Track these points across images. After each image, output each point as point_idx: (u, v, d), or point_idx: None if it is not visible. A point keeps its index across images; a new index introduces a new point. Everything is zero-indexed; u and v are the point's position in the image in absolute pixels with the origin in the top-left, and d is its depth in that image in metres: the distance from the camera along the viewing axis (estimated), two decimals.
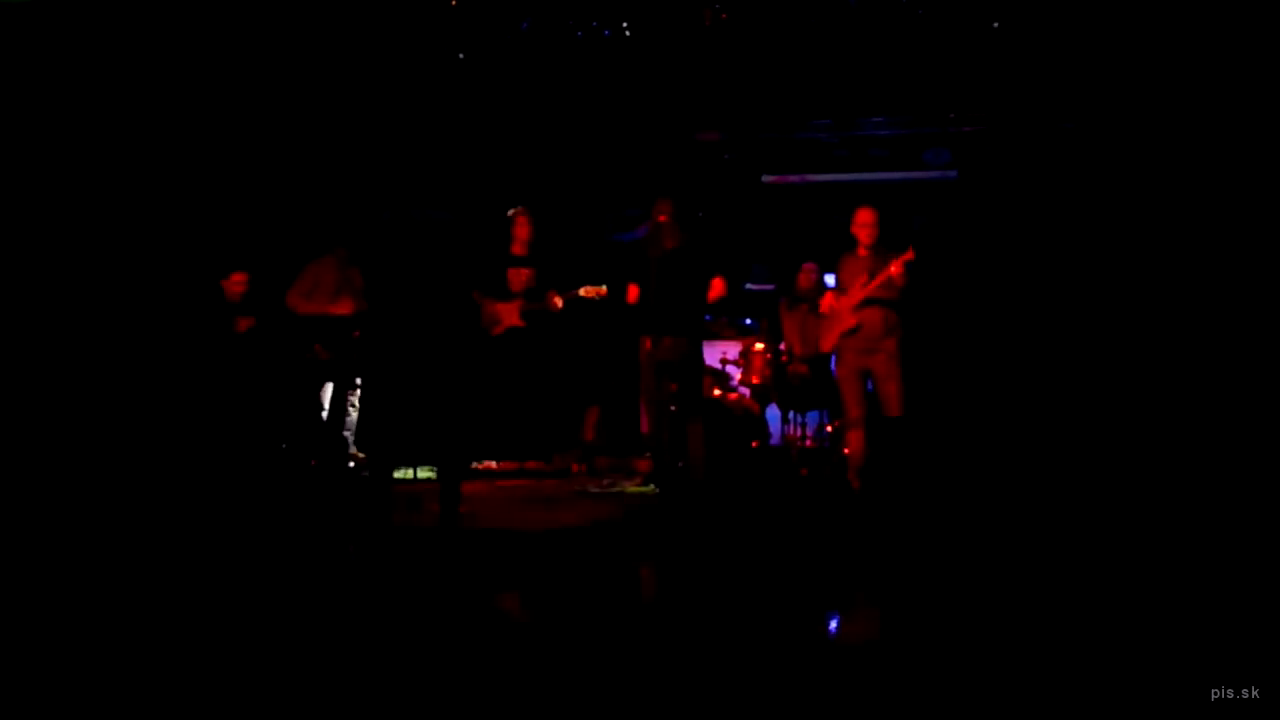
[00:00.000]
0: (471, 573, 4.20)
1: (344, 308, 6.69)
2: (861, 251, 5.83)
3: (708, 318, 6.92)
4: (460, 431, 6.50)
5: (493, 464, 6.88)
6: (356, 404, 6.72)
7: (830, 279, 6.81)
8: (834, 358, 5.96)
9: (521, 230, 6.69)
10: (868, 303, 5.68)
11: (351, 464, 6.65)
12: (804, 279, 6.87)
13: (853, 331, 5.73)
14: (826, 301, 5.93)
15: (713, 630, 3.33)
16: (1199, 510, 5.09)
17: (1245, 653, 2.95)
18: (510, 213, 6.74)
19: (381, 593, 3.84)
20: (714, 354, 7.20)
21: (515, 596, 3.87)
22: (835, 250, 6.18)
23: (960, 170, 7.81)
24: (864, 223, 5.81)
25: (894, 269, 5.53)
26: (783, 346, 6.82)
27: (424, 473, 6.45)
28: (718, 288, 5.81)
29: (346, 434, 6.66)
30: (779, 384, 6.71)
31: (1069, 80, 7.19)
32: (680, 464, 5.81)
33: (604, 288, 6.31)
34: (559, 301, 6.38)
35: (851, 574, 4.20)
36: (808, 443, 6.87)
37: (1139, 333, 6.95)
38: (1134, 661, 2.95)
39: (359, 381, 6.66)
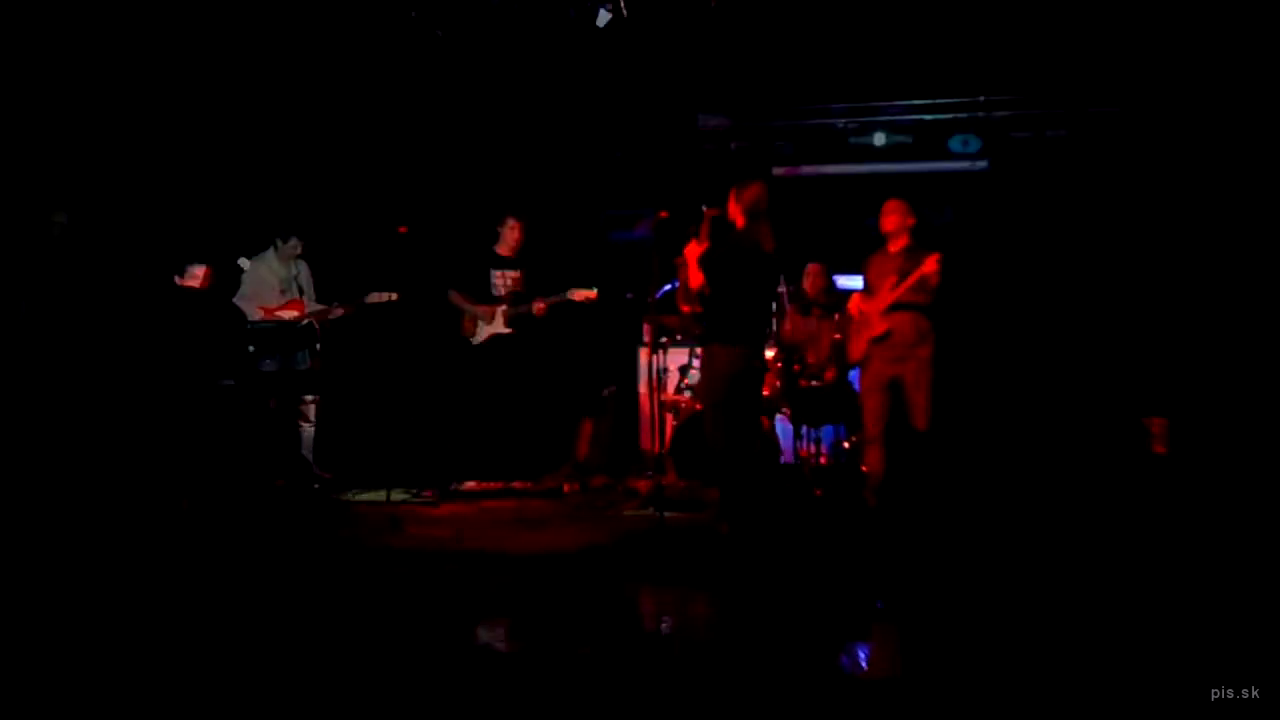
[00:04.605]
0: (455, 599, 4.14)
1: (294, 309, 6.27)
2: (891, 250, 5.59)
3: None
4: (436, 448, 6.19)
5: (473, 484, 6.38)
6: (312, 419, 6.23)
7: (840, 281, 6.80)
8: (859, 367, 5.75)
9: (512, 232, 6.50)
10: (897, 307, 5.41)
11: (316, 485, 6.16)
12: (811, 282, 6.67)
13: (882, 338, 5.47)
14: (854, 304, 5.69)
15: (721, 662, 3.30)
16: (1245, 526, 5.01)
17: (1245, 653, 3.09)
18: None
19: (357, 619, 3.78)
20: None
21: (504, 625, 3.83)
22: (849, 249, 5.93)
23: (991, 160, 7.47)
24: (893, 216, 5.54)
25: (928, 267, 5.26)
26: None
27: (397, 494, 6.01)
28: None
29: (305, 453, 6.16)
30: (790, 396, 6.30)
31: (1113, 59, 6.80)
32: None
33: (594, 291, 6.16)
34: (542, 307, 6.24)
35: (868, 601, 4.09)
36: (822, 460, 6.57)
37: (1189, 339, 6.63)
38: (1134, 661, 3.10)
39: (312, 396, 6.16)
